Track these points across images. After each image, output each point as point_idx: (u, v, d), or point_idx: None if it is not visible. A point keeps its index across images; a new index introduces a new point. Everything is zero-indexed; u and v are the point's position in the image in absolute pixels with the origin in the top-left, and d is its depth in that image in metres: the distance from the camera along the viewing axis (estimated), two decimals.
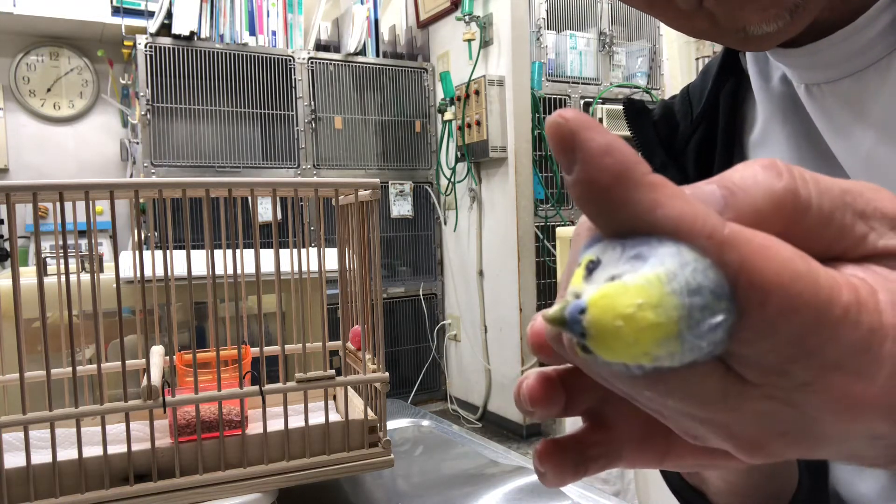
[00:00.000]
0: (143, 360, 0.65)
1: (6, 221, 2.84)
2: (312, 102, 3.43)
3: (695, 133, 0.54)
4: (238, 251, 0.67)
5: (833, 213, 0.19)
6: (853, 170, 0.42)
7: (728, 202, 0.19)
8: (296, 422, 0.70)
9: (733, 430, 0.20)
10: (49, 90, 3.71)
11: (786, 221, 0.19)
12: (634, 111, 0.57)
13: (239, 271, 0.69)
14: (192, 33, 3.13)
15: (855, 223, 0.20)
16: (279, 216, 2.79)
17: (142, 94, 3.04)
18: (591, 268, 0.19)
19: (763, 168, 0.20)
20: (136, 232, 0.68)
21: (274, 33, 3.38)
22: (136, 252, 0.62)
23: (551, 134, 0.19)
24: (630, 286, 0.17)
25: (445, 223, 3.84)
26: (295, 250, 0.74)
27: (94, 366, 0.65)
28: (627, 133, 0.57)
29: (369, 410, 0.74)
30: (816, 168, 0.45)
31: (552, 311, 0.19)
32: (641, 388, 0.19)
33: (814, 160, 0.46)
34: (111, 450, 0.62)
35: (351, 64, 3.55)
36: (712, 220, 0.18)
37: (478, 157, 3.39)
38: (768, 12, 0.37)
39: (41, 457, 0.61)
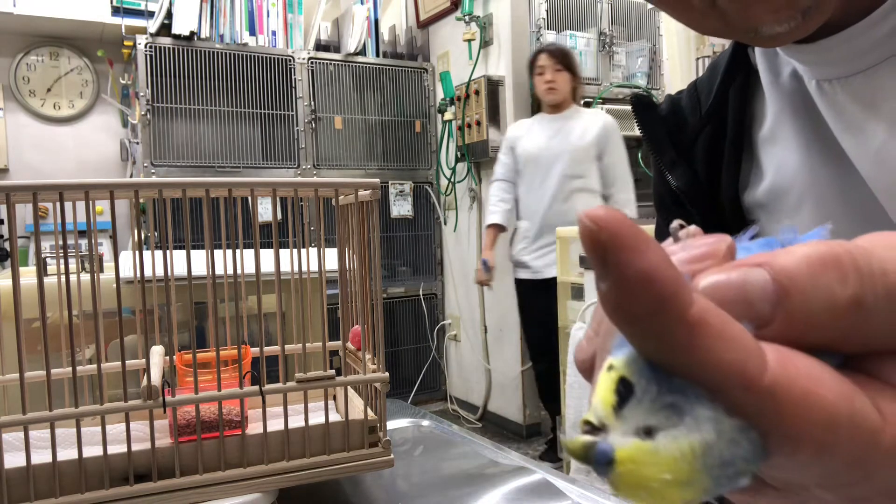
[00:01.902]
0: (143, 360, 0.65)
1: (6, 221, 2.84)
2: (312, 102, 3.43)
3: (703, 129, 0.54)
4: (238, 251, 0.67)
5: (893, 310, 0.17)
6: (864, 166, 0.42)
7: (780, 301, 0.17)
8: (296, 422, 0.70)
9: None
10: (49, 90, 3.71)
11: (843, 331, 0.17)
12: (642, 107, 0.57)
13: (239, 271, 0.69)
14: (192, 33, 3.13)
15: None
16: (279, 216, 2.79)
17: (142, 94, 3.05)
18: (623, 395, 0.17)
19: (824, 262, 0.17)
20: (136, 232, 0.68)
21: (274, 33, 3.38)
22: (136, 252, 0.62)
23: (583, 239, 0.16)
24: (662, 453, 0.16)
25: (445, 223, 3.84)
26: (295, 250, 0.74)
27: (94, 366, 0.65)
28: (636, 133, 0.57)
29: (369, 410, 0.74)
30: (825, 165, 0.46)
31: (577, 443, 0.18)
32: None
33: (823, 157, 0.45)
34: (111, 450, 0.62)
35: (351, 64, 3.55)
36: (752, 368, 0.16)
37: (478, 157, 3.39)
38: (780, 13, 0.37)
39: (41, 457, 0.61)
